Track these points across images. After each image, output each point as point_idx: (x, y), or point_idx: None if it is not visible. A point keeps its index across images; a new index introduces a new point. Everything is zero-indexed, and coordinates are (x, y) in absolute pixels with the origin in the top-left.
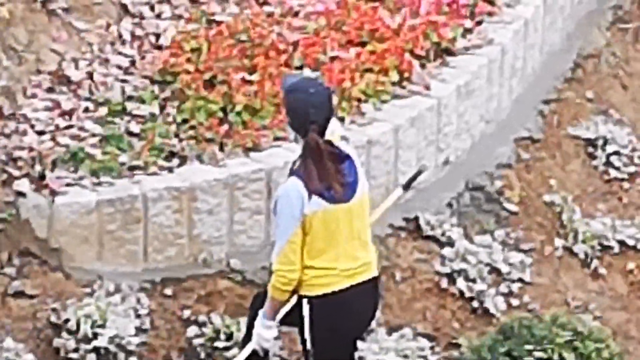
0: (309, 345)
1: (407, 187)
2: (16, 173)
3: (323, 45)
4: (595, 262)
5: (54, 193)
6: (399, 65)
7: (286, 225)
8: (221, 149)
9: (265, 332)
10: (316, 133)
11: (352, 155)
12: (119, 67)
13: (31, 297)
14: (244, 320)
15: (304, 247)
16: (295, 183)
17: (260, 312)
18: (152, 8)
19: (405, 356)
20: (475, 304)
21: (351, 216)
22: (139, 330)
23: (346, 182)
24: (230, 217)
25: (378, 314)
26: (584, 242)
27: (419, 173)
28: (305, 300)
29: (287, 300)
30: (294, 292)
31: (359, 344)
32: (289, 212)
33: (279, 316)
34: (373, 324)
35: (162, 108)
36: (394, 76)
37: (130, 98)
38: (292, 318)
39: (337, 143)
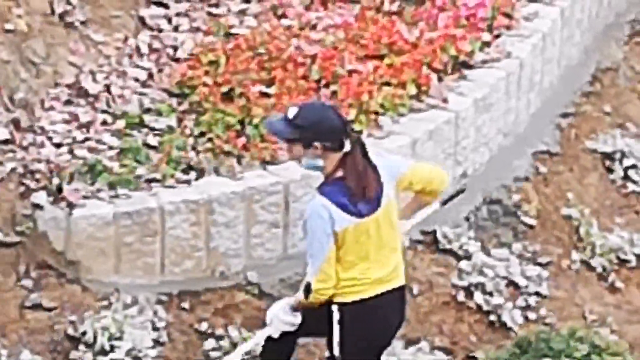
0: (336, 352)
1: (445, 203)
2: (34, 185)
3: (341, 59)
4: (612, 276)
5: (71, 205)
6: (416, 79)
7: (321, 243)
8: (239, 161)
9: (290, 317)
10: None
11: (378, 164)
12: (137, 80)
13: (48, 309)
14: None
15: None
16: (322, 201)
17: (287, 301)
18: (169, 21)
19: None
20: (492, 317)
21: (379, 226)
22: (156, 343)
23: (376, 191)
24: (247, 230)
25: None
26: (601, 255)
27: (460, 192)
28: (335, 307)
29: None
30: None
31: None
32: (321, 229)
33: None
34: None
35: (180, 121)
36: (412, 89)
37: (147, 111)
38: (319, 326)
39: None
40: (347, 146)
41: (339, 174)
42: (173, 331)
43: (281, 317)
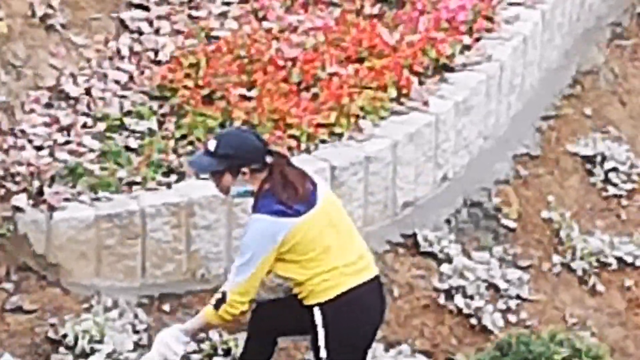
0: (323, 354)
1: None
2: (14, 188)
3: (322, 62)
4: (593, 279)
5: (52, 208)
6: (397, 82)
7: (251, 257)
8: None
9: (178, 346)
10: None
11: (301, 167)
12: (117, 83)
13: (29, 312)
14: (241, 336)
15: (293, 269)
16: (259, 218)
17: (179, 327)
18: (150, 24)
19: None
20: (473, 320)
21: (328, 215)
22: (137, 346)
23: (308, 189)
24: (228, 233)
25: None
26: (582, 258)
27: None
28: (316, 308)
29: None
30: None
31: None
32: (257, 246)
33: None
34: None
35: (161, 123)
36: (393, 92)
37: (128, 113)
38: (298, 325)
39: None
40: (269, 160)
41: (266, 187)
42: (154, 334)
43: (169, 343)
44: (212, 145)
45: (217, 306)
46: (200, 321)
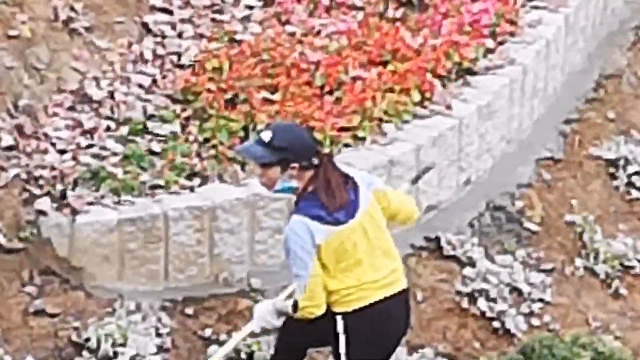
0: None
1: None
2: (37, 192)
3: (345, 65)
4: (616, 282)
5: (75, 212)
6: (420, 85)
7: (303, 261)
8: (242, 168)
9: (275, 320)
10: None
11: (351, 173)
12: (141, 86)
13: (52, 315)
14: (264, 340)
15: (325, 278)
16: (298, 219)
17: (274, 304)
18: (173, 27)
19: None
20: (496, 324)
21: (365, 230)
22: (160, 349)
23: (350, 201)
24: (251, 237)
25: None
26: (604, 262)
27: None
28: (339, 317)
29: None
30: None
31: None
32: (301, 247)
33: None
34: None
35: (184, 127)
36: (416, 96)
37: (151, 117)
38: (323, 335)
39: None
40: (316, 161)
41: (310, 188)
42: (177, 337)
43: (266, 318)
44: (266, 136)
45: (294, 310)
46: (290, 314)
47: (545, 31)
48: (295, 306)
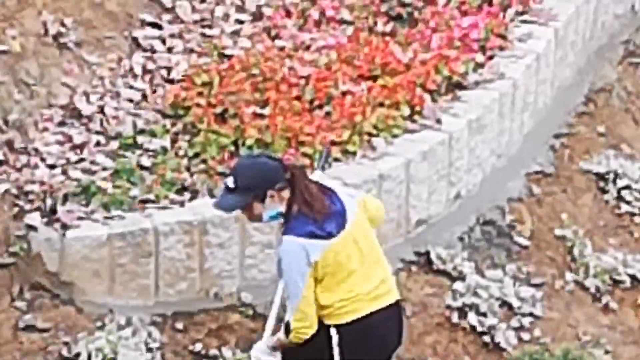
0: None
1: (323, 168)
2: (27, 207)
3: (334, 80)
4: (606, 297)
5: (65, 227)
6: (410, 100)
7: (296, 282)
8: None
9: (273, 358)
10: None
11: (331, 185)
12: (131, 101)
13: (42, 330)
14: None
15: (318, 293)
16: (291, 240)
17: (265, 341)
18: (163, 42)
19: None
20: (486, 338)
21: (355, 240)
22: None
23: (336, 211)
24: (241, 251)
25: None
26: (595, 276)
27: (327, 153)
28: (333, 330)
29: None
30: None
31: None
32: (295, 269)
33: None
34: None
35: (174, 142)
36: (406, 110)
37: (141, 132)
38: (317, 349)
39: (315, 178)
40: (287, 176)
41: (294, 207)
42: (167, 352)
43: (261, 358)
44: (230, 182)
45: (286, 334)
46: (284, 342)
47: (535, 45)
48: (287, 328)
